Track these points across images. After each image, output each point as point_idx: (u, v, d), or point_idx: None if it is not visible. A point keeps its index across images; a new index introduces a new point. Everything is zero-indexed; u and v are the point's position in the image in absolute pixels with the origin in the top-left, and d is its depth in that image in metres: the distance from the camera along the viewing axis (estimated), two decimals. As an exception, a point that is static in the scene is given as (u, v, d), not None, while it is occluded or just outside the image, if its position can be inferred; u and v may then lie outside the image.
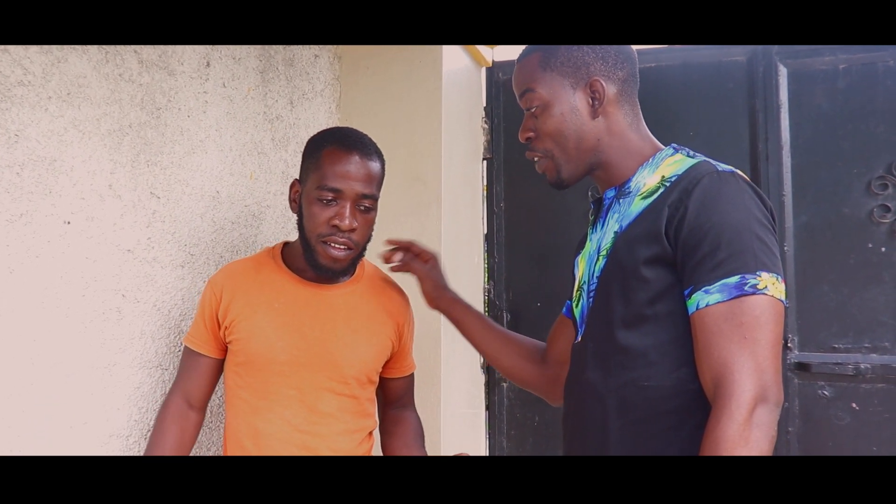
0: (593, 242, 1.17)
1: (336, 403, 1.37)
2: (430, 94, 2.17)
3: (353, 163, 1.32)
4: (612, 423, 1.05)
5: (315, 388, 1.36)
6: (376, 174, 1.36)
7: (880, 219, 2.19)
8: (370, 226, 1.38)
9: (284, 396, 1.35)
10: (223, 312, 1.39)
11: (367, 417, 1.45)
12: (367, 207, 1.34)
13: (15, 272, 1.23)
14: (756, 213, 0.99)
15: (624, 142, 1.14)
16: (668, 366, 1.01)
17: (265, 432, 1.35)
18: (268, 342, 1.36)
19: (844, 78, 2.25)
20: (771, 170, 2.27)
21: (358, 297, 1.43)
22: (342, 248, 1.33)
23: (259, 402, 1.36)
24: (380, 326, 1.44)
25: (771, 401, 0.91)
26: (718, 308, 0.95)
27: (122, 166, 1.44)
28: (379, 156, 1.39)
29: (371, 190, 1.34)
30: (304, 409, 1.35)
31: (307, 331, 1.37)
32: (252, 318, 1.37)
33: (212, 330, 1.41)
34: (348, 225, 1.31)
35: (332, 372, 1.37)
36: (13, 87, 1.22)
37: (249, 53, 1.83)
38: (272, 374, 1.36)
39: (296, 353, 1.36)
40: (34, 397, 1.26)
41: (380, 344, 1.43)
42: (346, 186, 1.31)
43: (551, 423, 2.47)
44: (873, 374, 2.17)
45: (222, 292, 1.40)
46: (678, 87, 2.39)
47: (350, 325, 1.40)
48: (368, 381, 1.43)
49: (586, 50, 1.13)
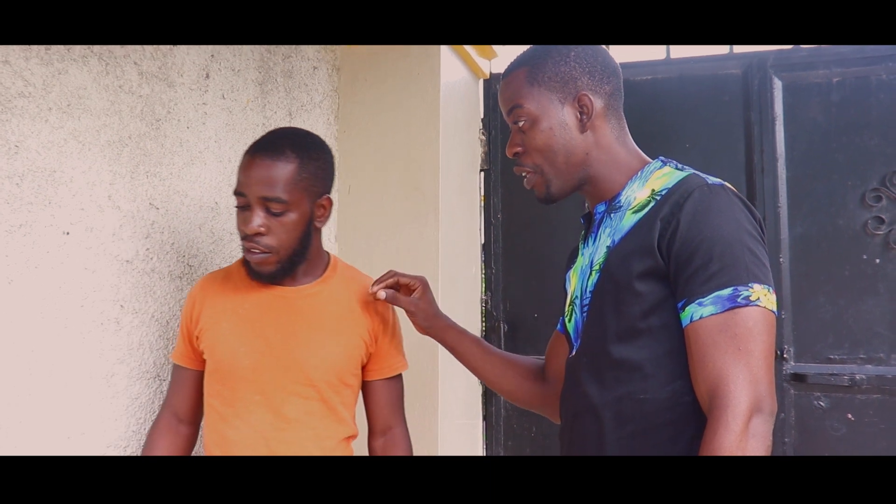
0: (585, 257, 1.17)
1: (303, 408, 1.34)
2: (428, 106, 2.19)
3: (254, 165, 1.28)
4: (608, 437, 1.05)
5: (281, 393, 1.33)
6: (282, 176, 1.27)
7: (875, 231, 2.20)
8: (287, 230, 1.30)
9: (251, 402, 1.33)
10: (195, 323, 1.39)
11: (341, 423, 1.39)
12: (279, 211, 1.28)
13: (14, 282, 1.23)
14: (746, 226, 1.00)
15: (612, 155, 1.14)
16: (663, 379, 1.02)
17: (232, 440, 1.33)
18: (231, 348, 1.34)
19: (838, 91, 2.28)
20: (766, 182, 2.29)
21: (325, 297, 1.39)
22: (256, 252, 1.29)
23: (227, 410, 1.34)
24: (349, 326, 1.39)
25: (766, 411, 0.92)
26: (712, 320, 0.95)
27: (121, 177, 1.44)
28: (299, 155, 1.30)
29: (275, 192, 1.27)
30: (269, 414, 1.33)
31: (270, 335, 1.35)
32: (217, 326, 1.36)
33: (189, 342, 1.41)
34: (251, 229, 1.27)
35: (297, 375, 1.33)
36: (14, 99, 1.23)
37: (248, 65, 1.85)
38: (238, 381, 1.34)
39: (258, 358, 1.33)
40: (32, 407, 1.26)
41: (349, 344, 1.38)
42: (247, 190, 1.28)
43: (548, 433, 2.47)
44: (869, 385, 2.18)
45: (194, 304, 1.40)
46: (674, 100, 2.41)
47: (316, 327, 1.36)
48: (341, 383, 1.38)
49: (573, 64, 1.13)
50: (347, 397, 1.41)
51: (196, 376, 1.42)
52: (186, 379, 1.42)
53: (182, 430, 1.42)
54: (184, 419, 1.42)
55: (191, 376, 1.42)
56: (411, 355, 1.55)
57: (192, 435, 1.45)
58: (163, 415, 1.43)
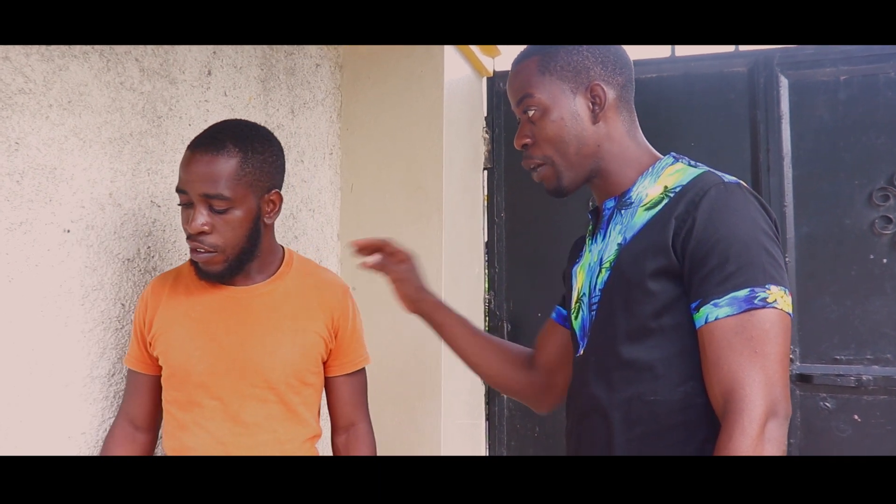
0: (594, 254, 1.14)
1: (262, 411, 1.30)
2: (431, 104, 2.17)
3: (194, 161, 1.22)
4: (617, 439, 1.03)
5: (237, 397, 1.29)
6: (223, 171, 1.21)
7: (882, 230, 2.19)
8: (233, 227, 1.24)
9: (207, 408, 1.29)
10: (147, 327, 1.34)
11: (302, 425, 1.34)
12: (222, 209, 1.22)
13: (14, 280, 1.22)
14: (763, 226, 0.98)
15: (623, 149, 1.12)
16: (675, 380, 1.00)
17: (189, 447, 1.29)
18: (184, 353, 1.30)
19: (845, 89, 2.26)
20: (772, 181, 2.27)
21: (280, 294, 1.35)
22: (202, 252, 1.24)
23: (184, 417, 1.30)
24: (305, 323, 1.34)
25: (781, 415, 0.90)
26: (728, 322, 0.93)
27: (122, 175, 1.43)
28: (241, 148, 1.24)
29: (217, 189, 1.20)
30: (227, 420, 1.29)
31: (223, 337, 1.30)
32: (170, 331, 1.32)
33: (143, 346, 1.36)
34: (194, 228, 1.22)
35: (253, 378, 1.29)
36: (14, 95, 1.21)
37: (251, 62, 1.83)
38: (193, 386, 1.29)
39: (213, 362, 1.29)
40: (32, 406, 1.25)
41: (306, 342, 1.34)
42: (188, 187, 1.23)
43: (552, 433, 2.46)
44: (875, 386, 2.17)
45: (146, 307, 1.35)
46: (680, 98, 2.40)
47: (270, 326, 1.32)
48: (301, 383, 1.33)
49: (585, 54, 1.11)
50: (309, 397, 1.36)
51: (151, 381, 1.37)
52: (142, 385, 1.37)
53: (139, 438, 1.37)
54: (140, 426, 1.37)
55: (146, 381, 1.37)
56: (414, 355, 1.54)
57: (150, 442, 1.39)
58: (118, 423, 1.37)
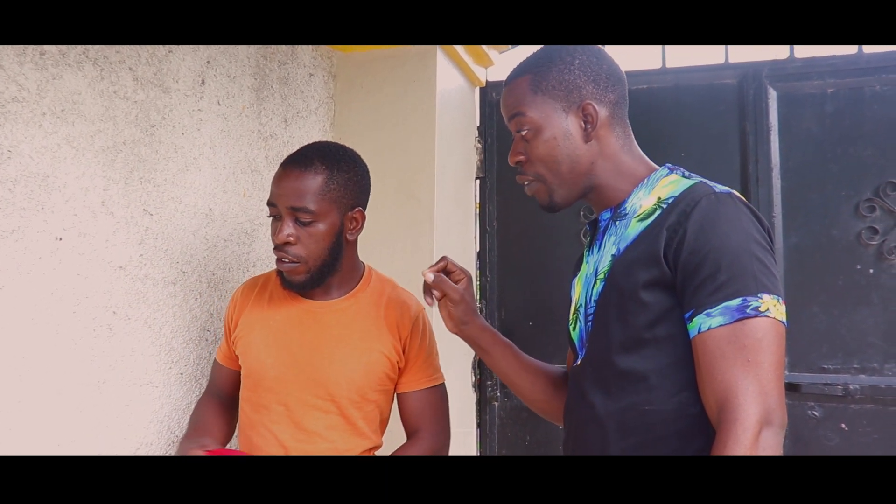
0: (590, 265, 1.15)
1: (323, 422, 1.36)
2: (424, 113, 2.18)
3: (285, 177, 1.33)
4: (612, 448, 1.04)
5: (302, 406, 1.36)
6: (310, 187, 1.31)
7: (868, 241, 2.21)
8: (316, 240, 1.33)
9: (274, 412, 1.37)
10: (234, 326, 1.46)
11: (361, 437, 1.40)
12: (307, 221, 1.31)
13: (5, 288, 1.21)
14: (755, 235, 0.99)
15: (617, 164, 1.12)
16: (669, 389, 1.00)
17: (257, 446, 1.37)
18: (259, 358, 1.39)
19: (833, 102, 2.29)
20: (761, 192, 2.30)
21: (354, 312, 1.41)
22: (286, 261, 1.33)
23: (254, 416, 1.39)
24: (373, 343, 1.39)
25: (776, 424, 0.90)
26: (721, 331, 0.94)
27: (115, 183, 1.43)
28: (328, 167, 1.33)
29: (303, 203, 1.30)
30: (290, 425, 1.36)
31: (296, 348, 1.38)
32: (250, 334, 1.42)
33: (229, 342, 1.47)
34: (280, 238, 1.31)
35: (318, 390, 1.36)
36: (7, 104, 1.21)
37: (244, 72, 1.84)
38: (264, 390, 1.38)
39: (283, 370, 1.37)
40: (23, 414, 1.24)
41: (372, 361, 1.38)
42: (277, 200, 1.33)
43: (543, 442, 2.47)
44: (862, 395, 2.19)
45: (235, 308, 1.47)
46: (670, 110, 2.42)
47: (340, 342, 1.38)
48: (362, 399, 1.38)
49: (577, 73, 1.11)
50: (370, 412, 1.41)
51: (233, 375, 1.48)
52: (226, 377, 1.50)
53: (226, 403, 1.48)
54: (225, 402, 1.48)
55: (229, 374, 1.49)
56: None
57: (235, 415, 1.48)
58: (206, 395, 1.50)
